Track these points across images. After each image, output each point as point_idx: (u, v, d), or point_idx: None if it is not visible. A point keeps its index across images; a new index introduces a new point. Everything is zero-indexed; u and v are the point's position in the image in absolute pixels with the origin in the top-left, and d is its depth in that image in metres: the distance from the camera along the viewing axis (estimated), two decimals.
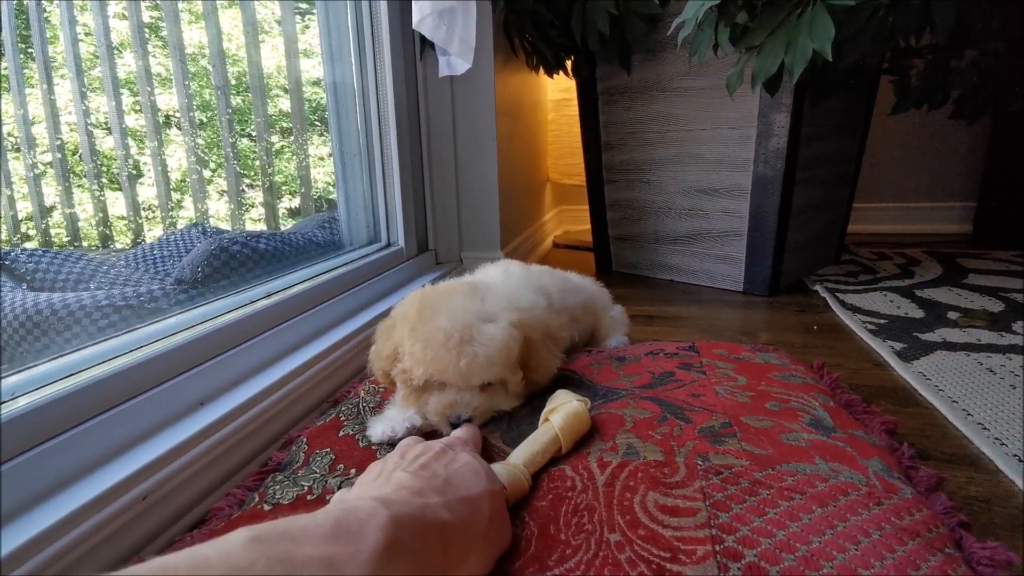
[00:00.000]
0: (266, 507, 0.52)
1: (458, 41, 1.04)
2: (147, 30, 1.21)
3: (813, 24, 0.85)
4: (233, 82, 1.36)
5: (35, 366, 0.55)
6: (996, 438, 0.67)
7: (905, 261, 1.63)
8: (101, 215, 1.23)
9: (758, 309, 1.28)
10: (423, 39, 1.22)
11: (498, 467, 0.48)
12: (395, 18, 1.19)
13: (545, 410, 0.56)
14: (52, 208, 1.21)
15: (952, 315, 1.12)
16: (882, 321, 1.11)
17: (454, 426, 0.58)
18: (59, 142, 1.14)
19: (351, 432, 0.62)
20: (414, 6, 1.01)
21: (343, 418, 0.65)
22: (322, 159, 1.61)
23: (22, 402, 0.49)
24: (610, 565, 0.37)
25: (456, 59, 1.09)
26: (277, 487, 0.55)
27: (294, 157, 1.56)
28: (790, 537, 0.39)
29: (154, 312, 0.87)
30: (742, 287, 1.40)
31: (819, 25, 0.84)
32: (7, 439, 0.45)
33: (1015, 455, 0.63)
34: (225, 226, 1.40)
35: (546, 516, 0.44)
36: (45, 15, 1.13)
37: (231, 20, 1.42)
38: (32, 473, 0.45)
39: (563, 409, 0.54)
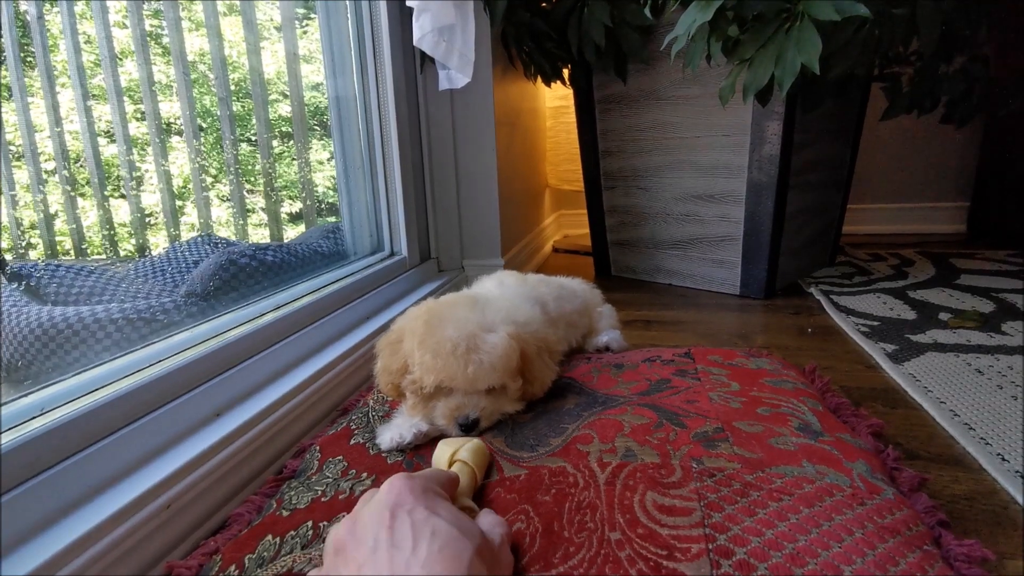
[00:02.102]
0: (284, 512, 0.55)
1: (458, 56, 1.07)
2: (147, 38, 1.24)
3: (801, 38, 0.88)
4: (233, 88, 1.39)
5: (61, 381, 0.58)
6: (981, 438, 0.70)
7: (899, 262, 1.66)
8: (106, 223, 1.26)
9: (754, 312, 1.30)
10: (423, 53, 1.25)
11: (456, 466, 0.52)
12: (396, 32, 1.22)
13: (446, 454, 0.55)
14: (55, 216, 1.24)
15: (943, 316, 1.15)
16: (875, 323, 1.14)
17: (462, 427, 0.62)
18: (61, 150, 1.17)
19: (362, 440, 0.65)
20: (414, 24, 1.04)
21: (354, 427, 0.68)
22: (322, 163, 1.64)
23: (52, 416, 0.51)
24: (611, 563, 0.40)
25: (456, 73, 1.12)
26: (293, 493, 0.58)
27: (294, 162, 1.59)
28: (778, 536, 0.42)
29: (167, 325, 0.90)
30: (739, 290, 1.43)
31: (807, 39, 0.87)
32: (39, 452, 0.48)
33: (999, 454, 0.66)
34: (227, 231, 1.43)
35: (550, 512, 0.47)
36: (45, 22, 1.15)
37: (230, 27, 1.45)
38: (64, 484, 0.48)
39: (468, 447, 0.55)
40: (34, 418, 0.51)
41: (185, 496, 0.54)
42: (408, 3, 1.04)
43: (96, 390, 0.57)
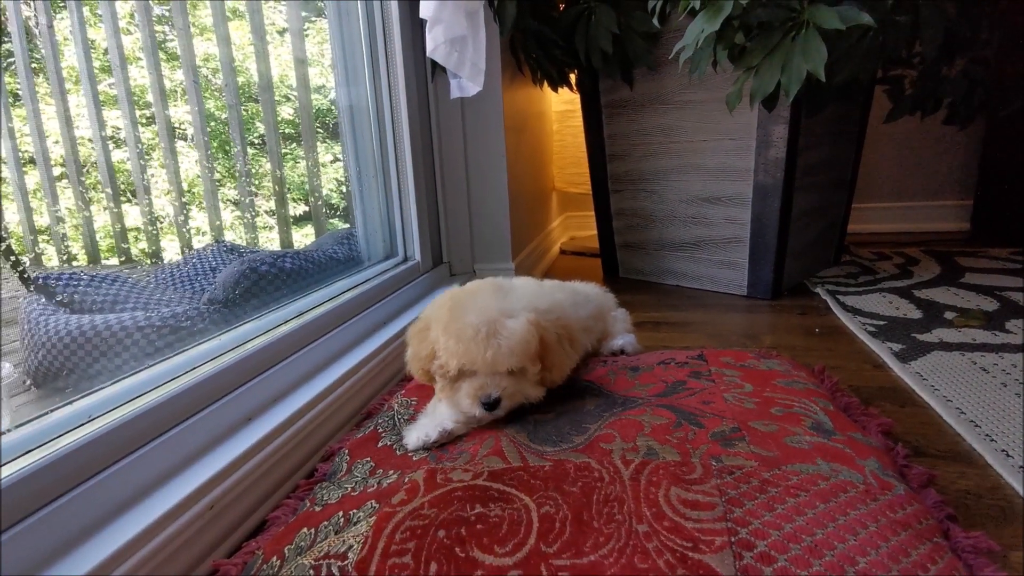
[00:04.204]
0: (316, 508, 0.58)
1: (469, 66, 1.10)
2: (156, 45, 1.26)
3: (806, 46, 0.90)
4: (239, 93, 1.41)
5: (103, 388, 0.61)
6: (987, 435, 0.72)
7: (904, 261, 1.68)
8: (119, 227, 1.29)
9: (762, 313, 1.33)
10: (434, 62, 1.28)
11: None
12: (407, 41, 1.25)
13: None
14: (62, 220, 1.27)
15: (949, 315, 1.17)
16: (881, 322, 1.16)
17: (485, 405, 0.66)
18: (73, 156, 1.20)
19: (389, 443, 0.68)
20: (427, 35, 1.06)
21: (381, 430, 0.71)
22: (325, 165, 1.66)
23: (100, 423, 0.54)
24: (639, 553, 0.43)
25: (467, 82, 1.14)
26: (324, 492, 0.61)
27: (297, 164, 1.62)
28: (796, 530, 0.44)
29: (192, 333, 0.93)
30: (746, 291, 1.45)
31: (812, 47, 0.89)
32: (91, 456, 0.51)
33: (1003, 450, 0.68)
34: (232, 235, 1.46)
35: (579, 502, 0.50)
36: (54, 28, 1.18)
37: (237, 32, 1.47)
38: (116, 486, 0.51)
39: None
40: (82, 425, 0.54)
41: (227, 497, 0.57)
42: (421, 15, 1.06)
43: (136, 397, 0.60)
